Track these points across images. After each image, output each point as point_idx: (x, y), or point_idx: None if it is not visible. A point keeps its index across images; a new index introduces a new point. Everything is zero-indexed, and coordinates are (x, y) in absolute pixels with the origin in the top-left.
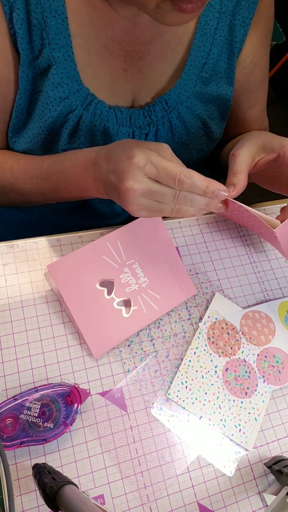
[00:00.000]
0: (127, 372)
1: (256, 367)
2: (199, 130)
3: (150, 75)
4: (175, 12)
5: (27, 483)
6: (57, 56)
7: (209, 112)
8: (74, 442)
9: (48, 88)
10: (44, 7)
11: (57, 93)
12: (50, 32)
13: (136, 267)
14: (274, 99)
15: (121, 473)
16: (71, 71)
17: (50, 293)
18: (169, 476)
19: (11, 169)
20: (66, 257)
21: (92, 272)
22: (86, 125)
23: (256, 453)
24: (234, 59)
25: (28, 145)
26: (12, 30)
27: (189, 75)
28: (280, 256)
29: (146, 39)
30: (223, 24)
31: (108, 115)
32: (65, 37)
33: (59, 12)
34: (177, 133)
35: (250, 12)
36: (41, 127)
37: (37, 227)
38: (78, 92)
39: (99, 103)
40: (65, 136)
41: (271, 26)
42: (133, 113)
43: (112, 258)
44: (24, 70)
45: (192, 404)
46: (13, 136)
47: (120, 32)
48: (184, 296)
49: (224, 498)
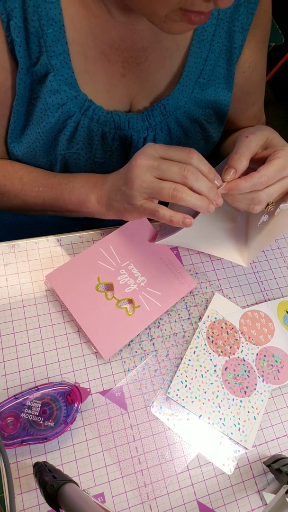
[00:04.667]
0: (127, 371)
1: (255, 366)
2: (197, 135)
3: (148, 81)
4: (183, 22)
5: (27, 481)
6: (55, 63)
7: (207, 117)
8: (74, 441)
9: (46, 95)
10: (41, 15)
11: (55, 100)
12: (47, 39)
13: (132, 268)
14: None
15: (121, 471)
16: (68, 78)
17: (50, 292)
18: (169, 475)
19: (21, 178)
20: (62, 266)
21: (90, 277)
22: (85, 130)
23: (255, 451)
24: (233, 64)
25: (27, 150)
26: (10, 38)
27: (187, 80)
28: (279, 256)
29: (144, 45)
30: (220, 31)
31: (106, 120)
32: (62, 44)
33: (56, 20)
34: (176, 137)
35: (249, 18)
36: (39, 132)
37: (37, 228)
38: (76, 98)
39: (96, 109)
40: (64, 141)
41: (269, 29)
42: (131, 117)
43: (107, 262)
44: (22, 77)
45: (191, 403)
46: (12, 141)
47: (118, 39)
48: (184, 290)
49: (224, 497)
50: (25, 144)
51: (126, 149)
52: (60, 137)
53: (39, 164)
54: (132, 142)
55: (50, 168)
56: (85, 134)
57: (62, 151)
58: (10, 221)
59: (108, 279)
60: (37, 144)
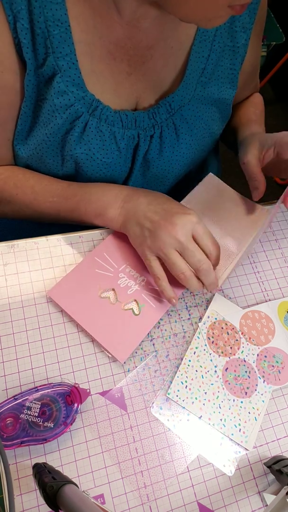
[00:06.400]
0: (127, 371)
1: (256, 367)
2: (202, 131)
3: (153, 79)
4: (227, 15)
5: (27, 482)
6: (62, 65)
7: (211, 114)
8: (74, 442)
9: (53, 96)
10: (47, 16)
11: (63, 101)
12: (54, 41)
13: (129, 270)
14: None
15: (121, 472)
16: (75, 79)
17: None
18: (169, 476)
19: (33, 187)
20: (62, 280)
21: (91, 287)
22: (93, 131)
23: (256, 452)
24: (238, 63)
25: (34, 151)
26: (17, 39)
27: (190, 79)
28: (279, 256)
29: (149, 44)
30: (221, 31)
31: (113, 120)
32: (69, 45)
33: (62, 20)
34: (182, 134)
35: (251, 17)
36: (46, 133)
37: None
38: (83, 99)
39: (104, 108)
40: (72, 142)
41: (265, 19)
42: (138, 115)
43: (105, 269)
44: (30, 79)
45: (192, 404)
46: (18, 143)
47: (123, 37)
48: None
49: (224, 498)
50: (32, 146)
51: (133, 148)
52: (68, 138)
53: (46, 165)
54: (139, 141)
55: (58, 169)
56: (93, 134)
57: (70, 152)
58: (10, 222)
59: (109, 285)
60: (43, 146)
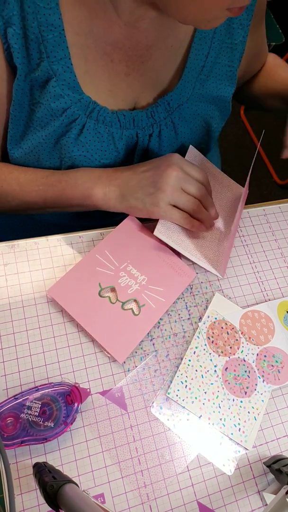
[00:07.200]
0: (127, 371)
1: (255, 366)
2: (201, 130)
3: (152, 78)
4: (225, 16)
5: (27, 482)
6: (57, 69)
7: (210, 112)
8: (74, 441)
9: (50, 101)
10: (40, 22)
11: (59, 105)
12: (47, 45)
13: (130, 268)
14: None
15: (121, 472)
16: (71, 82)
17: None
18: (169, 475)
19: (18, 178)
20: (62, 278)
21: (91, 285)
22: (90, 133)
23: (256, 452)
24: (236, 60)
25: (30, 154)
26: (6, 45)
27: (188, 77)
28: (279, 256)
29: (148, 43)
30: (221, 29)
31: (111, 120)
32: (63, 49)
33: (56, 25)
34: (181, 132)
35: (249, 14)
36: (43, 136)
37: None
38: (79, 102)
39: (101, 110)
40: (69, 144)
41: (264, 10)
42: (136, 115)
43: (106, 267)
44: (19, 83)
45: (191, 403)
46: (12, 147)
47: (122, 38)
48: (185, 282)
49: (224, 497)
50: (27, 149)
51: (131, 148)
52: (64, 140)
53: (42, 167)
54: (138, 141)
55: None
56: (91, 136)
57: (68, 154)
58: (10, 222)
59: (109, 284)
60: (39, 148)
